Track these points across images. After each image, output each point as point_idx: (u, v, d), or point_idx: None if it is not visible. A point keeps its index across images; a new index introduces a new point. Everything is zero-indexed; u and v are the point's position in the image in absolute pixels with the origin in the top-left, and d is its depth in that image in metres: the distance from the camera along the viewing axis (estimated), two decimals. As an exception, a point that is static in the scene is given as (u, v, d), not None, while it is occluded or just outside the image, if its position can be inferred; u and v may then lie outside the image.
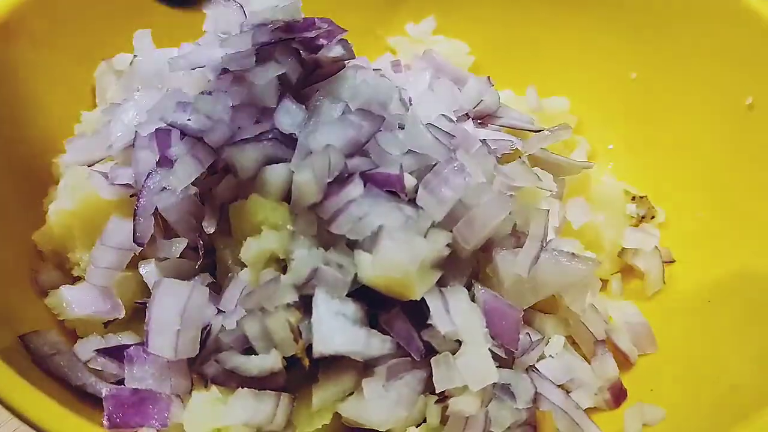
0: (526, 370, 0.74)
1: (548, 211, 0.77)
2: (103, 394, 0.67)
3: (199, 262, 0.74)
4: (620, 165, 1.00)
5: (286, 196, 0.71)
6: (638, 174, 0.97)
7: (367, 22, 1.10)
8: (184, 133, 0.72)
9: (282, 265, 0.71)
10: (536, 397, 0.73)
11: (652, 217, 0.93)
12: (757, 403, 0.66)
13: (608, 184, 0.94)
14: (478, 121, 0.87)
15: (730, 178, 0.87)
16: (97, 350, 0.70)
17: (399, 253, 0.66)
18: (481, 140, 0.80)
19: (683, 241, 0.90)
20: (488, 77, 0.90)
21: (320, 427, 0.68)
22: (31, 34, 0.85)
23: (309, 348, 0.67)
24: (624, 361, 0.80)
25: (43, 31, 0.86)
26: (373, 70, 0.91)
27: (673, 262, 0.89)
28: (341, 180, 0.69)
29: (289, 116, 0.72)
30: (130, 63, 0.85)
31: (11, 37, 0.82)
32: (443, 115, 0.79)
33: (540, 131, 0.87)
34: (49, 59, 0.87)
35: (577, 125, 1.02)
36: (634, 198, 0.94)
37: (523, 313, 0.75)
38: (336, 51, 0.75)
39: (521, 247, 0.75)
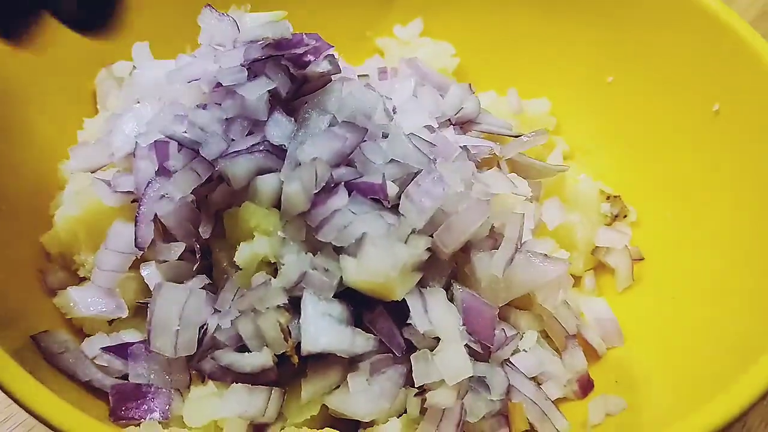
0: (501, 363, 0.80)
1: (523, 215, 0.82)
2: (109, 389, 0.73)
3: (196, 265, 0.79)
4: (597, 164, 1.04)
5: (277, 204, 0.76)
6: (613, 174, 1.02)
7: (358, 23, 1.14)
8: (181, 145, 0.78)
9: (273, 267, 0.77)
10: (509, 389, 0.79)
11: (625, 216, 0.98)
12: (713, 393, 0.70)
13: (584, 183, 0.99)
14: (460, 126, 0.92)
15: (696, 181, 0.92)
16: (102, 348, 0.75)
17: (381, 259, 0.71)
18: (461, 146, 0.85)
19: (653, 240, 0.95)
20: (469, 84, 0.95)
21: (309, 418, 0.74)
22: (35, 46, 0.89)
23: (298, 346, 0.72)
24: (593, 354, 0.86)
25: (46, 41, 0.91)
26: (360, 76, 0.96)
27: (641, 259, 0.94)
28: (328, 189, 0.74)
29: (278, 128, 0.77)
30: (130, 73, 0.90)
31: (18, 51, 0.86)
32: (425, 126, 0.84)
33: (518, 136, 0.92)
34: (53, 68, 0.91)
35: (556, 126, 1.07)
36: (609, 197, 0.99)
37: (498, 310, 0.80)
38: (323, 66, 0.80)
39: (498, 248, 0.81)
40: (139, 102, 0.83)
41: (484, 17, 1.11)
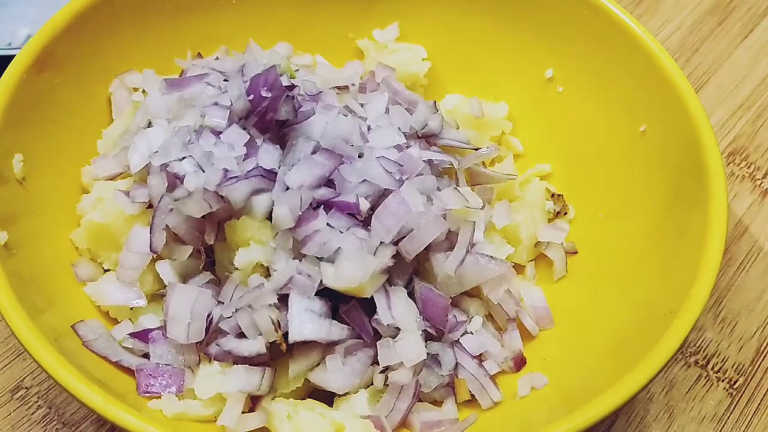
0: (451, 344, 0.98)
1: (474, 223, 0.99)
2: (135, 367, 0.91)
3: (201, 264, 0.96)
4: (545, 164, 1.19)
5: (269, 217, 0.92)
6: (558, 174, 1.18)
7: (340, 25, 1.25)
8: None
9: (265, 268, 0.94)
10: (456, 366, 0.97)
11: (565, 213, 1.14)
12: (624, 370, 0.87)
13: (533, 184, 1.15)
14: (425, 139, 1.07)
15: (624, 189, 1.08)
16: (129, 334, 0.92)
17: (354, 269, 0.88)
18: (425, 161, 1.01)
19: (586, 236, 1.11)
20: (434, 102, 1.09)
21: (294, 389, 0.92)
22: (56, 63, 1.01)
23: (286, 335, 0.89)
24: (527, 335, 1.04)
25: (65, 57, 1.03)
26: (341, 88, 1.10)
27: (576, 253, 1.11)
28: (310, 210, 0.90)
29: (268, 155, 0.93)
30: (143, 91, 1.04)
31: (43, 69, 0.99)
32: (395, 146, 0.99)
33: (476, 149, 1.08)
34: (71, 80, 1.04)
35: (513, 128, 1.22)
36: (553, 195, 1.15)
37: (451, 300, 0.98)
38: (283, 115, 0.94)
39: (453, 249, 0.98)
40: (151, 124, 0.98)
41: (454, 26, 1.23)
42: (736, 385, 1.10)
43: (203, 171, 0.90)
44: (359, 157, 0.97)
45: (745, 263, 1.22)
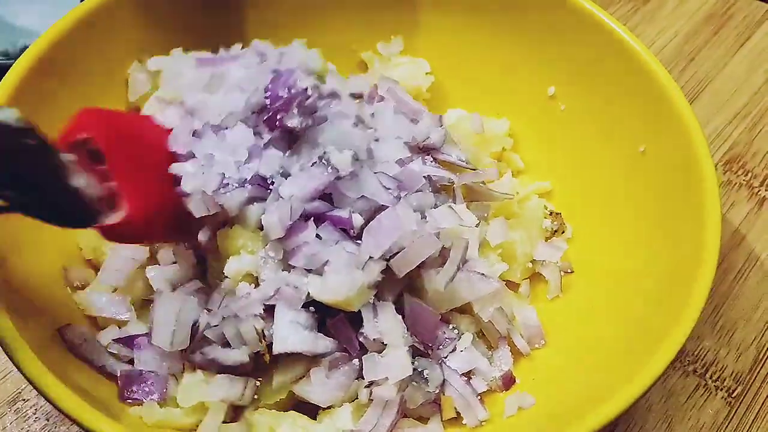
0: (440, 361, 0.97)
1: (468, 240, 0.98)
2: (118, 373, 0.91)
3: (192, 271, 0.96)
4: (544, 181, 1.19)
5: (261, 227, 0.92)
6: (557, 192, 1.17)
7: (345, 38, 1.25)
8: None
9: (255, 277, 0.93)
10: (444, 383, 0.96)
11: (563, 232, 1.13)
12: (612, 390, 0.85)
13: (532, 200, 1.14)
14: (426, 154, 1.06)
15: (624, 209, 1.07)
16: (114, 339, 0.93)
17: (341, 283, 0.87)
18: (425, 176, 1.00)
19: (583, 255, 1.10)
20: (440, 116, 1.08)
21: (278, 401, 0.91)
22: (56, 69, 1.02)
23: (271, 345, 0.89)
24: (519, 353, 1.03)
25: (65, 64, 1.04)
26: (355, 95, 1.10)
27: (571, 272, 1.10)
28: (300, 222, 0.90)
29: (270, 161, 0.93)
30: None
31: (42, 76, 1.00)
32: (396, 161, 0.99)
33: (474, 170, 1.07)
34: (71, 87, 1.05)
35: (514, 144, 1.22)
36: (551, 213, 1.14)
37: (441, 317, 0.97)
38: (293, 122, 0.94)
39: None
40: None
41: (458, 41, 1.23)
42: (734, 394, 1.09)
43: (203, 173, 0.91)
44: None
45: (742, 272, 1.21)
